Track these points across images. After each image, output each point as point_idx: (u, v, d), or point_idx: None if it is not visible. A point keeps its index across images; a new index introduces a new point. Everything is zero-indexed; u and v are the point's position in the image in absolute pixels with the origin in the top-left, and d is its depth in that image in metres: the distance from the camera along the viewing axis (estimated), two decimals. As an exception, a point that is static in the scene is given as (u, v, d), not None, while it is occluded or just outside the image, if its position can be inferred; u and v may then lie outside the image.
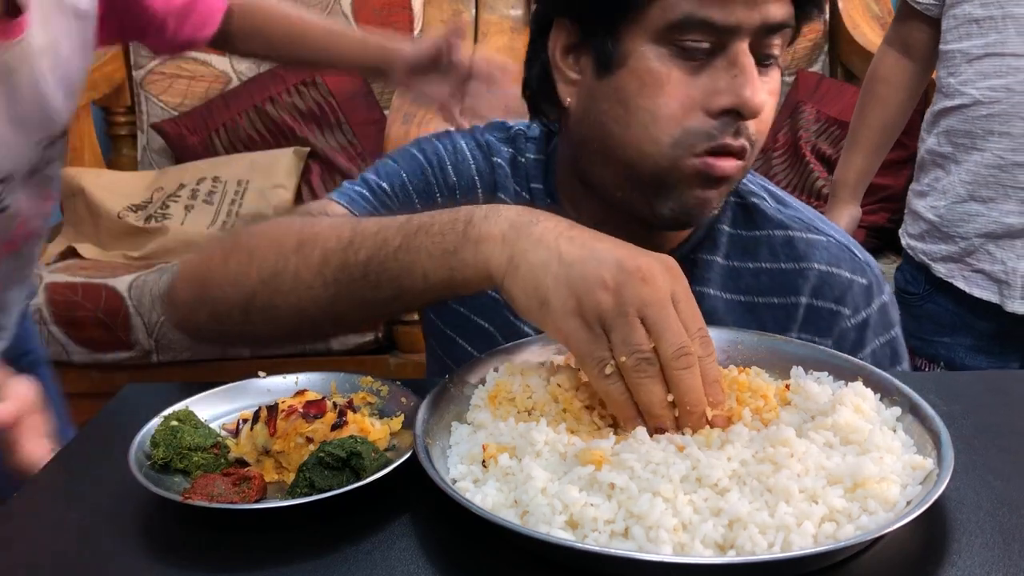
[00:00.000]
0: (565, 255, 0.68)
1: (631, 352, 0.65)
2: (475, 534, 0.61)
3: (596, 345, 0.66)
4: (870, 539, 0.57)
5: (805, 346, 0.82)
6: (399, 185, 0.99)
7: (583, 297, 0.66)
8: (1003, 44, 1.37)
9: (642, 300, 0.65)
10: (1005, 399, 0.81)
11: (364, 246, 0.76)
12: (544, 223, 0.70)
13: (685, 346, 0.65)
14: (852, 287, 0.96)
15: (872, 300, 0.97)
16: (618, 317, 0.65)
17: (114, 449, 0.70)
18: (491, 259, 0.70)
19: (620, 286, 0.65)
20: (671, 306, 0.66)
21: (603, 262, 0.66)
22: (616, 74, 0.85)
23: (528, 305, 0.69)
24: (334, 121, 2.44)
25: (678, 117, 0.82)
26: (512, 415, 0.70)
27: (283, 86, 2.46)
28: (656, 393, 0.66)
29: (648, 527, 0.57)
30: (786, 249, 0.97)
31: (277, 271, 0.80)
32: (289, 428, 0.70)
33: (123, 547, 0.63)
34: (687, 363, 0.65)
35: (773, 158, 2.41)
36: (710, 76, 0.82)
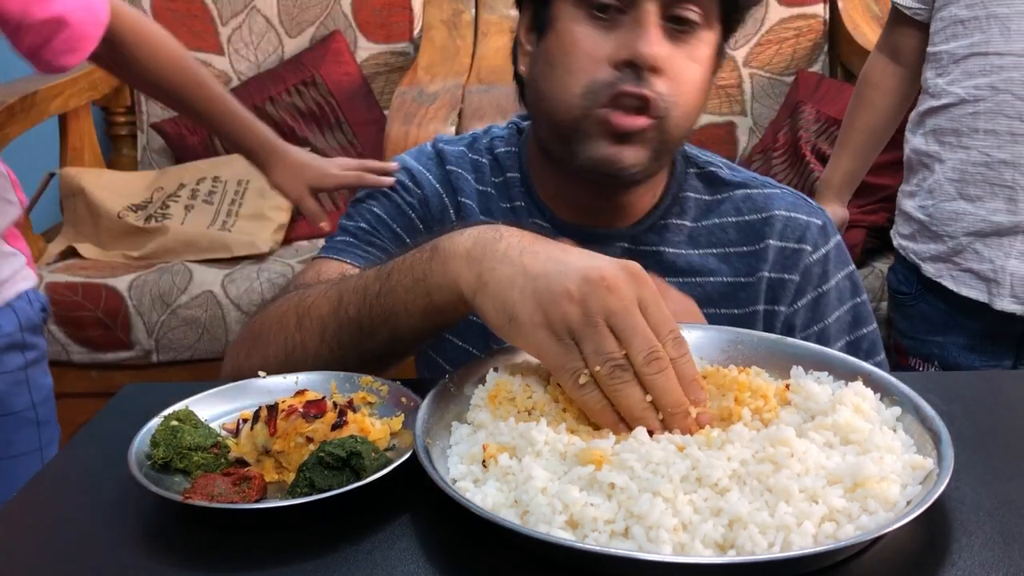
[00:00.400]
0: (530, 269, 0.69)
1: (604, 360, 0.66)
2: (475, 534, 0.61)
3: (568, 357, 0.67)
4: (870, 539, 0.57)
5: (805, 346, 0.82)
6: (375, 219, 1.07)
7: (550, 310, 0.67)
8: (987, 44, 1.40)
9: (608, 309, 0.66)
10: (1005, 399, 0.81)
11: (352, 302, 0.82)
12: (508, 238, 0.73)
13: (655, 350, 0.66)
14: (810, 227, 1.06)
15: (829, 239, 1.07)
16: (586, 327, 0.66)
17: (114, 449, 0.70)
18: (459, 277, 0.73)
19: (585, 296, 0.66)
20: (638, 312, 0.67)
21: (567, 274, 0.68)
22: (547, 37, 0.97)
23: (498, 321, 0.71)
24: (334, 121, 2.44)
25: (588, 69, 0.92)
26: (512, 415, 0.70)
27: (283, 86, 2.46)
28: (634, 396, 0.66)
29: (648, 527, 0.57)
30: (747, 204, 1.06)
31: (288, 349, 0.87)
32: (289, 428, 0.70)
33: (123, 547, 0.63)
34: (659, 367, 0.66)
35: (773, 158, 2.41)
36: (618, 33, 0.92)
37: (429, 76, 2.26)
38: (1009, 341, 1.49)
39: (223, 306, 2.06)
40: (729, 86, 2.61)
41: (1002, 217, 1.42)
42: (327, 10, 2.53)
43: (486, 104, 2.03)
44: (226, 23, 2.56)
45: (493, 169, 1.08)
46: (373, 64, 2.53)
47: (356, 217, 1.08)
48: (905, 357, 1.60)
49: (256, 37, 2.55)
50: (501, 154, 1.09)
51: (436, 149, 1.11)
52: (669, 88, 0.91)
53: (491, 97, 2.08)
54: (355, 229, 1.07)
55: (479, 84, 2.21)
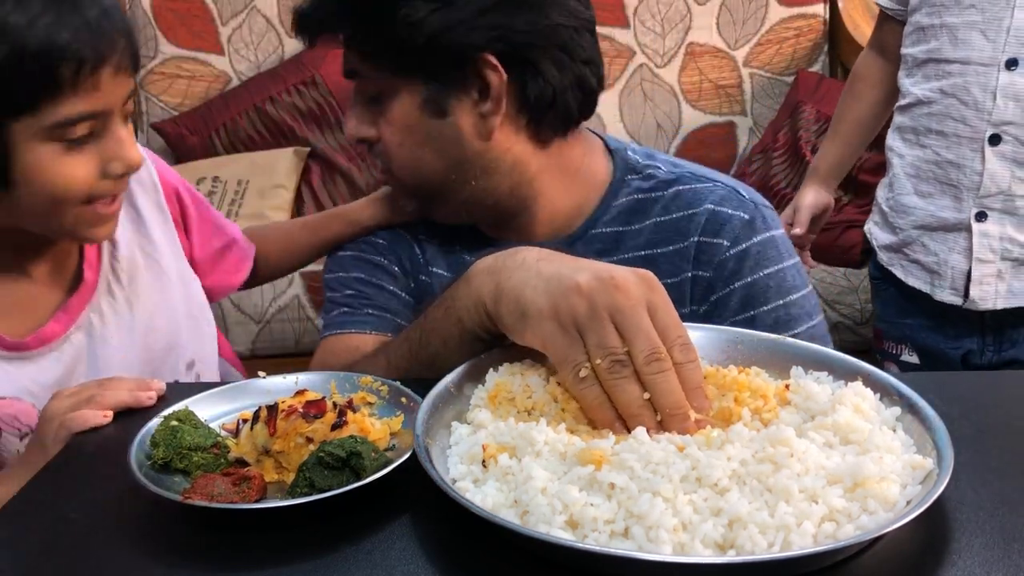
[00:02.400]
0: (543, 271, 0.72)
1: (605, 354, 0.67)
2: (475, 534, 0.61)
3: (571, 349, 0.69)
4: (870, 539, 0.57)
5: (805, 346, 0.82)
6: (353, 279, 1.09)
7: (559, 302, 0.69)
8: (940, 50, 1.46)
9: (614, 305, 0.68)
10: (1005, 399, 0.81)
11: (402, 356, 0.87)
12: (526, 252, 0.76)
13: (657, 351, 0.67)
14: (732, 220, 1.02)
15: (754, 234, 1.02)
16: (591, 320, 0.68)
17: (114, 449, 0.70)
18: (482, 290, 0.76)
19: (593, 291, 0.68)
20: (644, 313, 0.68)
21: (579, 271, 0.70)
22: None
23: (511, 321, 0.73)
24: (334, 121, 2.44)
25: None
26: (512, 415, 0.70)
27: (283, 86, 2.46)
28: (631, 392, 0.67)
29: (648, 527, 0.57)
30: (676, 202, 1.04)
31: None
32: (289, 428, 0.70)
33: (123, 547, 0.63)
34: (660, 367, 0.67)
35: (773, 158, 2.41)
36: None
37: (429, 76, 2.25)
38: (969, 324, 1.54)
39: (223, 306, 2.06)
40: (729, 86, 2.61)
41: (948, 214, 1.49)
42: (327, 10, 2.53)
43: (486, 104, 2.03)
44: (226, 23, 2.56)
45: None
46: (373, 64, 2.53)
47: (336, 287, 1.10)
48: (881, 341, 1.67)
49: (256, 37, 2.55)
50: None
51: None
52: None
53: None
54: (344, 296, 1.09)
55: (479, 84, 2.21)
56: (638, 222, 1.04)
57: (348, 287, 1.09)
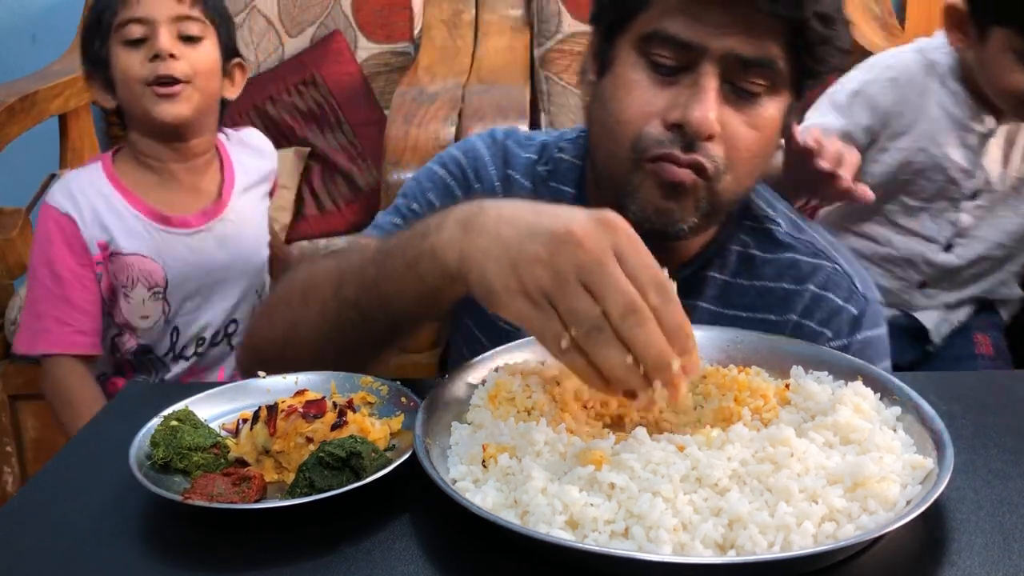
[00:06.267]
0: (504, 236, 0.68)
1: (577, 322, 0.64)
2: (475, 534, 0.61)
3: (546, 323, 0.65)
4: (870, 539, 0.57)
5: (805, 346, 0.82)
6: (426, 204, 1.03)
7: (523, 275, 0.66)
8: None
9: (577, 265, 0.64)
10: (1005, 399, 0.81)
11: (351, 283, 0.81)
12: (488, 211, 0.71)
13: (630, 301, 0.63)
14: (841, 313, 0.97)
15: (858, 330, 0.98)
16: (557, 289, 0.64)
17: (114, 449, 0.70)
18: (446, 260, 0.72)
19: (553, 256, 0.65)
20: (611, 263, 0.64)
21: (536, 235, 0.66)
22: (605, 77, 0.92)
23: (481, 294, 0.70)
24: (334, 121, 2.44)
25: (637, 122, 0.88)
26: (512, 415, 0.70)
27: (283, 86, 2.45)
28: (613, 358, 0.64)
29: (648, 527, 0.57)
30: (791, 271, 0.99)
31: (293, 324, 0.87)
32: (289, 428, 0.70)
33: (123, 547, 0.63)
34: (637, 320, 0.63)
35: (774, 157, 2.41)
36: (675, 91, 0.87)
37: (429, 76, 2.25)
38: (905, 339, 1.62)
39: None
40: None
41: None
42: (327, 10, 2.53)
43: (486, 104, 2.03)
44: (226, 23, 2.55)
45: (551, 176, 1.04)
46: (373, 64, 2.52)
47: (409, 196, 1.04)
48: None
49: (256, 37, 2.55)
50: (562, 163, 1.04)
51: (505, 147, 1.06)
52: (721, 152, 0.87)
53: (491, 97, 2.08)
54: (405, 209, 1.03)
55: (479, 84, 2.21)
56: (746, 278, 0.99)
57: (417, 203, 1.03)
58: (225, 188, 1.53)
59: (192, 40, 1.41)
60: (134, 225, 1.44)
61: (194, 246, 1.47)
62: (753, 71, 0.86)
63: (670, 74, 0.87)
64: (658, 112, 0.87)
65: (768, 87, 0.87)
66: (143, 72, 1.39)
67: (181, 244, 1.47)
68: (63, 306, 1.41)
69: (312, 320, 0.84)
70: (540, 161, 1.04)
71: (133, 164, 1.48)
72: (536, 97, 2.47)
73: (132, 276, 1.44)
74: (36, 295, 1.43)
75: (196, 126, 1.46)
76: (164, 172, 1.48)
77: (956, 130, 1.51)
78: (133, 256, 1.43)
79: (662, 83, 0.87)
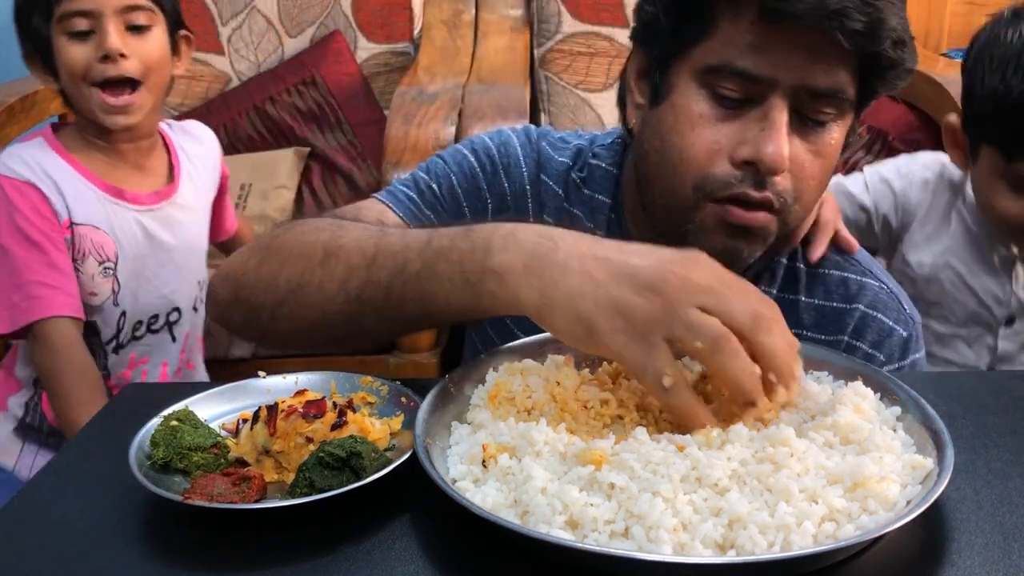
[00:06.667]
0: (597, 277, 0.66)
1: (703, 335, 0.63)
2: (475, 534, 0.61)
3: (651, 357, 0.64)
4: (870, 539, 0.57)
5: (805, 346, 0.82)
6: (447, 187, 0.99)
7: (628, 312, 0.64)
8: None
9: (690, 292, 0.64)
10: (1005, 399, 0.81)
11: (386, 266, 0.76)
12: (565, 247, 0.69)
13: (757, 311, 0.63)
14: (892, 336, 0.97)
15: (908, 354, 0.98)
16: (671, 316, 0.64)
17: (114, 449, 0.70)
18: (519, 293, 0.69)
19: (662, 289, 0.64)
20: (722, 286, 0.64)
21: (637, 275, 0.65)
22: (661, 106, 0.87)
23: (574, 334, 0.67)
24: (334, 121, 2.44)
25: (702, 160, 0.84)
26: (512, 415, 0.70)
27: (283, 86, 2.45)
28: (746, 366, 0.64)
29: (648, 527, 0.57)
30: (839, 289, 0.98)
31: (303, 282, 0.80)
32: (289, 428, 0.70)
33: (123, 547, 0.63)
34: (768, 326, 0.64)
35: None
36: (741, 125, 0.83)
37: (429, 76, 2.25)
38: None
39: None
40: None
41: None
42: (327, 10, 2.53)
43: (486, 104, 2.03)
44: (226, 23, 2.55)
45: (585, 184, 1.00)
46: (373, 64, 2.52)
47: (432, 174, 1.00)
48: None
49: (256, 37, 2.55)
50: (598, 171, 1.01)
51: (539, 148, 1.02)
52: (791, 185, 0.84)
53: (491, 97, 2.08)
54: (424, 185, 0.99)
55: (479, 84, 2.21)
56: (794, 294, 0.98)
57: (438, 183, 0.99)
58: (175, 172, 1.52)
59: (140, 30, 1.37)
60: (88, 195, 1.41)
61: (145, 224, 1.46)
62: (823, 101, 0.83)
63: (735, 107, 0.83)
64: (726, 149, 0.83)
65: (836, 114, 0.85)
66: (91, 72, 1.35)
67: (133, 220, 1.44)
68: (47, 270, 1.36)
69: (328, 285, 0.79)
70: (575, 167, 1.01)
71: (80, 141, 1.44)
72: (536, 97, 2.47)
73: (84, 248, 1.40)
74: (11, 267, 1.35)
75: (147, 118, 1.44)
76: (112, 152, 1.45)
77: (979, 251, 1.40)
78: (86, 227, 1.40)
79: (727, 116, 0.84)
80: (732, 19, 0.82)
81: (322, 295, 0.79)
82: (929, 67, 2.16)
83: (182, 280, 1.51)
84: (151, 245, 1.46)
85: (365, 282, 0.77)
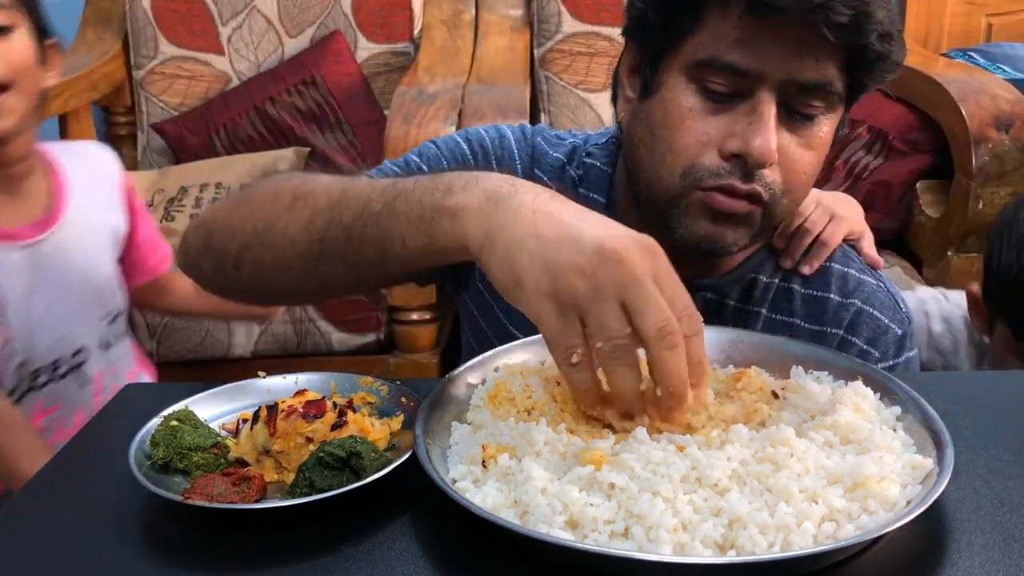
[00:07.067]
0: (542, 232, 0.65)
1: (607, 338, 0.63)
2: (475, 534, 0.61)
3: (566, 332, 0.64)
4: (870, 539, 0.57)
5: (805, 346, 0.82)
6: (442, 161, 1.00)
7: (558, 280, 0.64)
8: None
9: (619, 282, 0.63)
10: (1005, 399, 0.81)
11: (349, 207, 0.76)
12: (524, 195, 0.68)
13: (668, 324, 0.63)
14: (888, 333, 0.98)
15: (902, 352, 0.99)
16: (593, 302, 0.63)
17: (114, 449, 0.70)
18: (467, 230, 0.68)
19: (596, 269, 0.63)
20: (651, 285, 0.63)
21: (580, 243, 0.64)
22: (651, 100, 0.89)
23: (503, 283, 0.67)
24: (334, 121, 2.44)
25: (691, 152, 0.85)
26: (512, 415, 0.70)
27: (283, 86, 2.46)
28: (630, 380, 0.64)
29: (648, 527, 0.57)
30: (839, 283, 0.99)
31: (269, 225, 0.80)
32: (289, 428, 0.70)
33: (123, 547, 0.63)
34: (671, 342, 0.63)
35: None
36: (730, 118, 0.84)
37: (429, 76, 2.26)
38: None
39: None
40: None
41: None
42: (327, 10, 2.53)
43: (486, 104, 2.03)
44: (226, 23, 2.56)
45: (581, 182, 1.01)
46: (373, 64, 2.53)
47: (423, 158, 1.00)
48: None
49: (256, 37, 2.55)
50: (592, 170, 1.02)
51: (534, 144, 1.03)
52: (778, 177, 0.86)
53: (491, 97, 2.08)
54: (415, 166, 1.00)
55: (479, 84, 2.21)
56: (797, 284, 0.99)
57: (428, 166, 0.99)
58: (56, 197, 1.36)
59: (2, 31, 1.22)
60: None
61: (29, 260, 1.30)
62: (811, 94, 0.84)
63: (723, 100, 0.84)
64: (714, 141, 0.85)
65: (824, 108, 0.86)
66: None
67: (14, 259, 1.29)
68: None
69: (292, 228, 0.78)
70: (571, 164, 1.02)
71: None
72: (536, 97, 2.47)
73: None
74: None
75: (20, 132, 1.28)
76: None
77: None
78: None
79: (715, 110, 0.85)
80: (720, 14, 0.83)
81: (286, 238, 0.79)
82: (929, 67, 2.16)
83: (82, 317, 1.37)
84: (41, 282, 1.31)
85: (328, 223, 0.77)
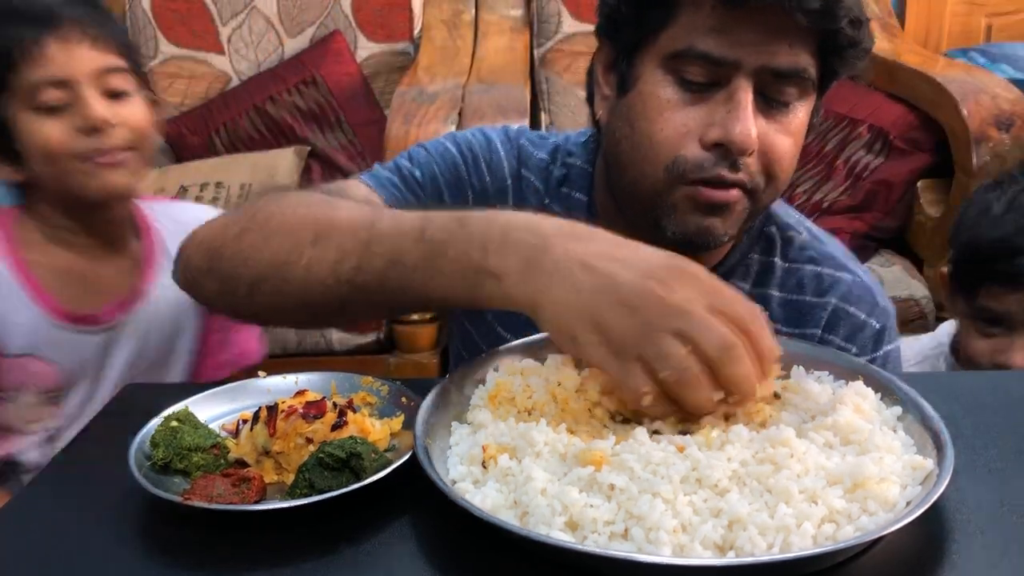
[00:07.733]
0: (581, 287, 0.66)
1: (670, 366, 0.64)
2: (475, 535, 0.61)
3: (630, 377, 0.65)
4: (870, 540, 0.57)
5: (805, 346, 0.82)
6: (429, 176, 1.00)
7: (607, 332, 0.65)
8: None
9: (664, 316, 0.64)
10: (1005, 399, 0.81)
11: (381, 254, 0.75)
12: (554, 249, 0.68)
13: (726, 340, 0.63)
14: (864, 329, 0.98)
15: (880, 345, 0.99)
16: (646, 342, 0.64)
17: (114, 449, 0.70)
18: (512, 296, 0.69)
19: (638, 310, 0.64)
20: (697, 309, 0.64)
21: (618, 290, 0.65)
22: (629, 95, 0.89)
23: (560, 342, 0.69)
24: (334, 121, 2.44)
25: (672, 143, 0.86)
26: (512, 415, 0.70)
27: (283, 86, 2.46)
28: (704, 400, 0.65)
29: (648, 528, 0.57)
30: (813, 284, 0.99)
31: (289, 261, 0.78)
32: (289, 428, 0.70)
33: (123, 547, 0.63)
34: (734, 356, 0.64)
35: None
36: (708, 108, 0.85)
37: (429, 76, 2.25)
38: None
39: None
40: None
41: None
42: (327, 10, 2.53)
43: (486, 104, 2.03)
44: (226, 23, 2.55)
45: (564, 181, 1.02)
46: (373, 64, 2.52)
47: (415, 162, 1.00)
48: None
49: (256, 37, 2.55)
50: (573, 169, 1.02)
51: (519, 145, 1.03)
52: (762, 163, 0.87)
53: (491, 97, 2.08)
54: (407, 172, 0.99)
55: (479, 84, 2.21)
56: (769, 288, 0.99)
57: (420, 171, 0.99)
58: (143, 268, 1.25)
59: (119, 96, 1.15)
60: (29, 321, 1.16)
61: (107, 340, 1.22)
62: (786, 81, 0.85)
63: (701, 90, 0.85)
64: (694, 132, 0.85)
65: (799, 94, 0.87)
66: (75, 146, 1.12)
67: (92, 342, 1.20)
68: None
69: (317, 267, 0.77)
70: (554, 163, 1.03)
71: (38, 235, 1.19)
72: (536, 97, 2.47)
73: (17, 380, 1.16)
74: None
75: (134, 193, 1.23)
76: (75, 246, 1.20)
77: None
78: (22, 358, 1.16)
79: (693, 100, 0.85)
80: (693, 4, 0.84)
81: (310, 275, 0.77)
82: (929, 67, 2.16)
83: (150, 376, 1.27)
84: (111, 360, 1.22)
85: (358, 268, 0.75)
